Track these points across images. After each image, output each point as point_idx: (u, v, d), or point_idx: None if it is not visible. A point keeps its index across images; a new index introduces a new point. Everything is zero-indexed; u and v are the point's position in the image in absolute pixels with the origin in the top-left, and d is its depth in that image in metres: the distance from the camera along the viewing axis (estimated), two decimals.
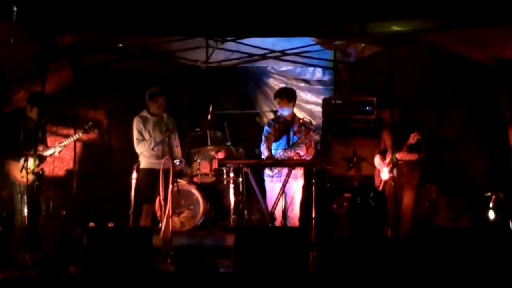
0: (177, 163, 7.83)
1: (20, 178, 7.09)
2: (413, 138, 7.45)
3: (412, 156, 7.58)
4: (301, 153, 7.56)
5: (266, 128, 7.92)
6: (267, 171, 7.76)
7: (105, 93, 9.23)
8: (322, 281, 5.54)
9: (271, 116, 8.36)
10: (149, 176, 7.68)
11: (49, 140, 7.67)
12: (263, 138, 7.84)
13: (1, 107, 8.12)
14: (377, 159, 7.76)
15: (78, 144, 8.13)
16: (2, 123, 7.50)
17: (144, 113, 7.87)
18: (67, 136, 7.73)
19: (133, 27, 7.21)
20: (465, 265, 5.73)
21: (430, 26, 6.88)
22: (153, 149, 7.77)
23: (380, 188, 7.74)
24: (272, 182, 7.66)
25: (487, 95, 8.85)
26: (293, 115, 7.82)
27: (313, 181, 7.54)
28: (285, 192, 7.48)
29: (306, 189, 7.67)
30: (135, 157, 7.95)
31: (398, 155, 7.18)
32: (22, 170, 7.06)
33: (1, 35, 7.23)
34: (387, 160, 7.59)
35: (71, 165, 8.05)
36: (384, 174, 7.66)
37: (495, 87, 8.59)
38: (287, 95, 7.79)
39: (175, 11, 6.89)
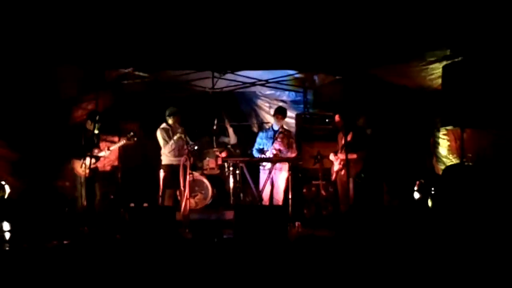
0: (195, 147, 8.00)
1: (81, 172, 7.27)
2: (349, 137, 7.45)
3: (351, 155, 7.41)
4: (281, 148, 7.74)
5: (258, 138, 8.09)
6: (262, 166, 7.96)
7: (138, 110, 9.16)
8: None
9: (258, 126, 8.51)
10: (169, 170, 7.75)
11: (101, 145, 7.76)
12: (256, 145, 8.02)
13: (66, 122, 8.14)
14: (331, 156, 7.75)
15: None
16: (69, 133, 7.65)
17: (164, 125, 7.92)
18: (113, 142, 7.80)
19: (161, 64, 7.45)
20: (397, 228, 5.98)
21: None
22: (172, 150, 7.79)
23: (333, 177, 7.79)
24: (265, 174, 7.83)
25: (412, 115, 8.28)
26: (282, 127, 7.99)
27: (289, 172, 7.61)
28: (273, 180, 7.79)
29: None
30: (159, 156, 7.99)
31: (342, 155, 7.37)
32: (82, 166, 7.17)
33: (66, 73, 7.41)
34: (337, 156, 7.62)
35: (116, 163, 8.02)
36: (336, 166, 7.68)
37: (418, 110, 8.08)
38: (284, 114, 8.03)
39: (191, 53, 6.96)
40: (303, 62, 7.49)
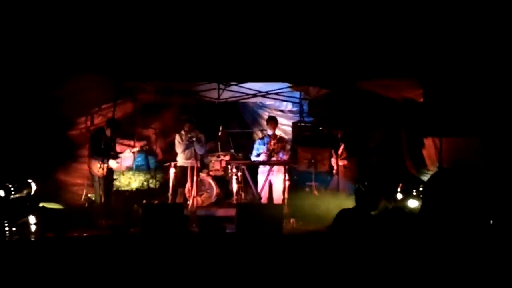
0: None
1: (96, 172, 7.16)
2: (341, 147, 7.69)
3: (343, 162, 7.68)
4: (275, 149, 7.74)
5: (256, 145, 8.06)
6: (261, 169, 7.86)
7: (153, 118, 9.20)
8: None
9: (259, 133, 8.28)
10: (181, 171, 7.74)
11: (118, 148, 7.70)
12: (254, 151, 7.97)
13: (88, 127, 8.11)
14: (333, 160, 7.81)
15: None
16: (91, 137, 7.53)
17: (181, 131, 7.99)
18: (129, 146, 7.71)
19: (174, 76, 7.33)
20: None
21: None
22: (183, 152, 7.78)
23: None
24: (263, 175, 7.76)
25: (394, 125, 8.25)
26: (275, 133, 7.98)
27: (286, 174, 7.50)
28: (272, 182, 7.70)
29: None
30: (172, 158, 7.99)
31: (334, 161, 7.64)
32: (100, 167, 7.07)
33: (86, 82, 7.04)
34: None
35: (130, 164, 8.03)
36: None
37: (400, 120, 8.10)
38: (276, 122, 8.04)
39: (200, 67, 6.90)
40: (298, 76, 7.40)
